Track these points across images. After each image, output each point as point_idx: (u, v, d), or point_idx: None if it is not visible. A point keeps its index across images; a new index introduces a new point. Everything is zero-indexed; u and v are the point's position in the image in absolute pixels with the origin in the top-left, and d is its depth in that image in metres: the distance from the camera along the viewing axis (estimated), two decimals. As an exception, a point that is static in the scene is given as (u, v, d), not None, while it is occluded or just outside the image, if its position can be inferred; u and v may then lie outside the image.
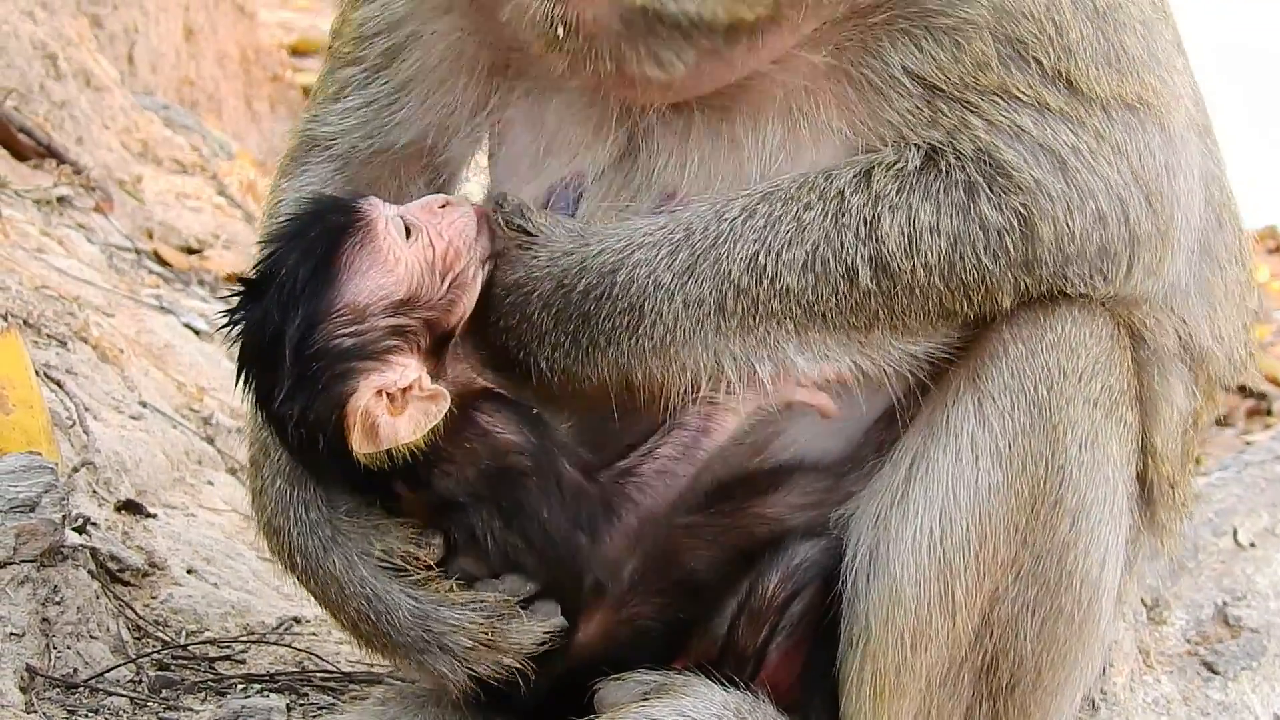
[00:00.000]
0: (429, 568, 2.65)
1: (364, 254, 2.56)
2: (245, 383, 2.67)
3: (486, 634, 2.59)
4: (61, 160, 5.72)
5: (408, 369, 2.55)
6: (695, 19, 2.51)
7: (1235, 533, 4.11)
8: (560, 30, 2.53)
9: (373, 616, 2.66)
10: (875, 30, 2.60)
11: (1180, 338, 2.79)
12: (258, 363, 2.62)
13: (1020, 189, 2.55)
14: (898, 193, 2.55)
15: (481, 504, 2.61)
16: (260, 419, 2.76)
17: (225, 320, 2.68)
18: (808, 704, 2.74)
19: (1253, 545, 4.11)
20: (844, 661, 2.70)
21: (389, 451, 2.52)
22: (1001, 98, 2.56)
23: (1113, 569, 2.75)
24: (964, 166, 2.56)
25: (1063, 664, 2.74)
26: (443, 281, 2.59)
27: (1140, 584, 3.52)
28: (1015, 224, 2.55)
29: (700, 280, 2.54)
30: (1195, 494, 3.13)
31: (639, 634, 2.74)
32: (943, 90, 2.57)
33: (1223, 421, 2.91)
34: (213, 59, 8.86)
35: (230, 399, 5.16)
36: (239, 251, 6.22)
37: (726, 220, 2.56)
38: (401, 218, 2.62)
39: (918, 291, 2.56)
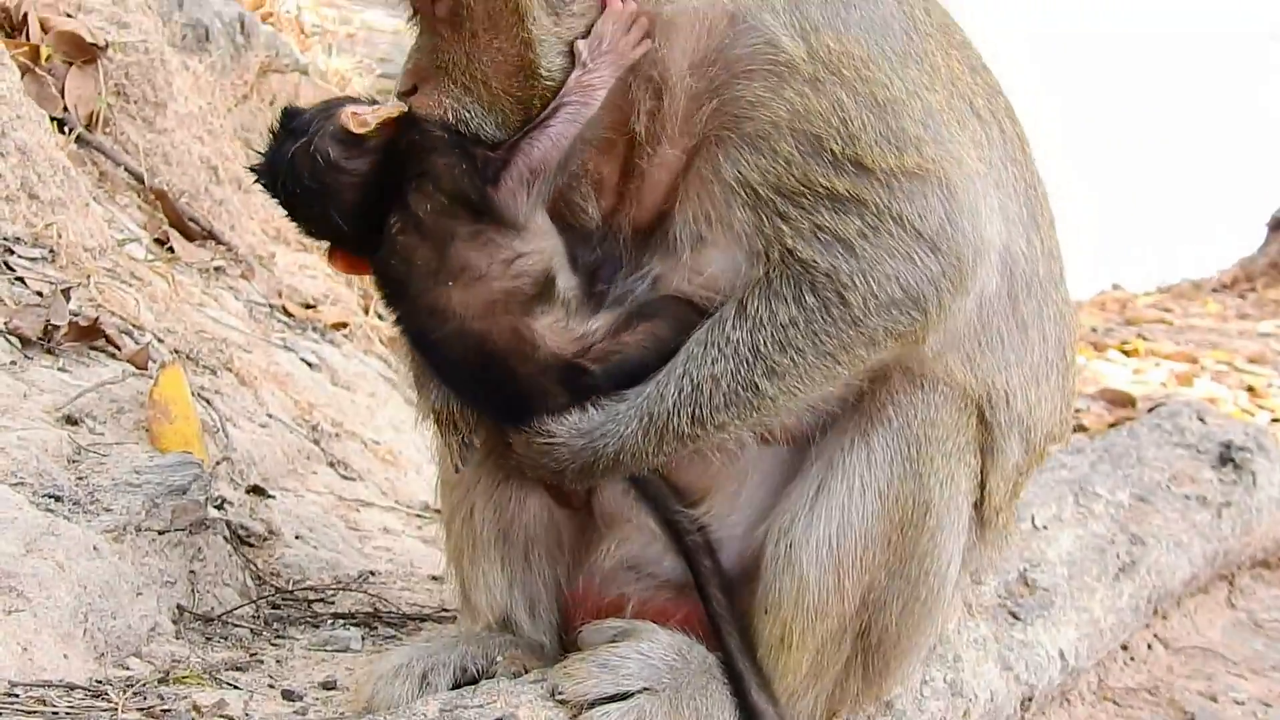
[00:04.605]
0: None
1: None
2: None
3: None
4: (218, 241, 5.70)
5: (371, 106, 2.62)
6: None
7: (1033, 519, 4.14)
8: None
9: None
10: (709, 139, 2.52)
11: (1010, 405, 2.71)
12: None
13: (823, 275, 2.48)
14: (764, 307, 2.51)
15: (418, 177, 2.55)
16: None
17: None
18: (728, 649, 2.71)
19: (1045, 528, 4.12)
20: (759, 623, 2.66)
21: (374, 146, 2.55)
22: (805, 195, 2.47)
23: (955, 566, 2.74)
24: (785, 267, 2.49)
25: (917, 631, 2.73)
26: None
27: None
28: (831, 299, 2.48)
29: (667, 443, 2.55)
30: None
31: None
32: (762, 198, 2.47)
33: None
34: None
35: (332, 412, 5.19)
36: (342, 307, 6.23)
37: (668, 399, 2.54)
38: None
39: (804, 374, 2.51)
